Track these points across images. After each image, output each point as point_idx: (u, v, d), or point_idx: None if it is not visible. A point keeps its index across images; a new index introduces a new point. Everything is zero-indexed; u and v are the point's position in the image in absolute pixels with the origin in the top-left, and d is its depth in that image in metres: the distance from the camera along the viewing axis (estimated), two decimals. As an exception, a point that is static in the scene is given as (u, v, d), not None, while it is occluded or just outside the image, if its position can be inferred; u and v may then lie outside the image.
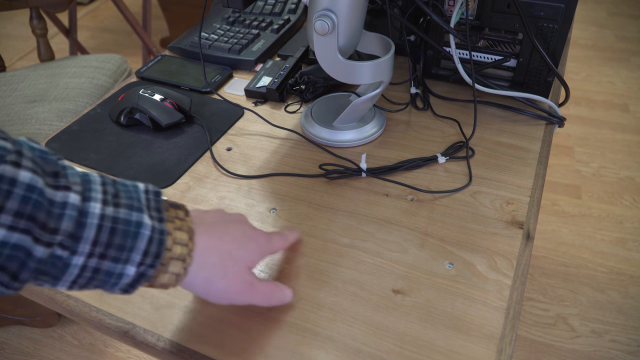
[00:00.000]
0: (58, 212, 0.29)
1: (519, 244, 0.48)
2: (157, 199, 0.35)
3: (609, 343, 1.14)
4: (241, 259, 0.39)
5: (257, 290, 0.40)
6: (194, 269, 0.36)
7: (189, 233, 0.36)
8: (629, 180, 1.55)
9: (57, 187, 0.30)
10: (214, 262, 0.37)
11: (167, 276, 0.35)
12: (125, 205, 0.32)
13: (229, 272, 0.38)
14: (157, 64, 0.80)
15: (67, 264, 0.30)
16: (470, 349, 0.40)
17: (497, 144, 0.61)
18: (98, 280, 0.32)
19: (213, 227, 0.39)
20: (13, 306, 1.18)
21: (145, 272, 0.33)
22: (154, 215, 0.34)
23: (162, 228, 0.34)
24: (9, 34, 2.67)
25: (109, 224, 0.31)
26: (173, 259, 0.34)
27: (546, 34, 0.61)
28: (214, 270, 0.37)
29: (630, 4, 2.61)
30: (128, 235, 0.32)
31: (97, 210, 0.31)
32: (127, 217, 0.32)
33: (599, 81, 2.02)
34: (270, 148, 0.62)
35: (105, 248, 0.31)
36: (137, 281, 0.33)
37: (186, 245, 0.35)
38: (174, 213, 0.36)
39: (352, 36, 0.56)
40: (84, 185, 0.31)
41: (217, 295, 0.38)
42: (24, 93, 1.09)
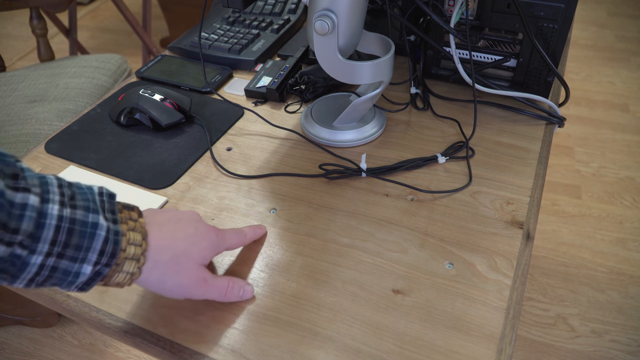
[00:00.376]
0: (18, 213, 0.30)
1: (519, 244, 0.48)
2: (110, 201, 0.36)
3: (609, 343, 1.14)
4: (193, 256, 0.40)
5: (211, 285, 0.41)
6: (147, 267, 0.38)
7: (142, 234, 0.37)
8: (629, 180, 1.55)
9: (17, 189, 0.31)
10: (166, 260, 0.39)
11: (121, 275, 0.36)
12: (81, 207, 0.34)
13: (180, 269, 0.39)
14: (157, 64, 0.80)
15: (26, 262, 0.32)
16: (470, 349, 0.40)
17: (497, 144, 0.61)
18: (55, 278, 0.34)
19: (165, 226, 0.40)
20: (13, 306, 1.18)
21: (100, 270, 0.35)
22: (109, 217, 0.35)
23: (117, 229, 0.35)
24: (9, 34, 2.67)
25: (67, 224, 0.33)
26: (127, 259, 0.36)
27: (546, 34, 0.61)
28: (166, 269, 0.39)
29: (630, 4, 2.61)
30: (85, 236, 0.33)
31: (55, 212, 0.32)
32: (84, 219, 0.34)
33: (599, 81, 2.02)
34: (270, 148, 0.62)
35: (63, 248, 0.33)
36: (93, 280, 0.35)
37: (140, 245, 0.37)
38: (127, 214, 0.37)
39: (352, 36, 0.56)
40: (42, 187, 0.33)
41: (171, 291, 0.40)
42: (24, 93, 1.09)
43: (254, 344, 0.41)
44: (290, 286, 0.45)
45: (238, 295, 0.43)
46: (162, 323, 0.43)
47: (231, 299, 0.43)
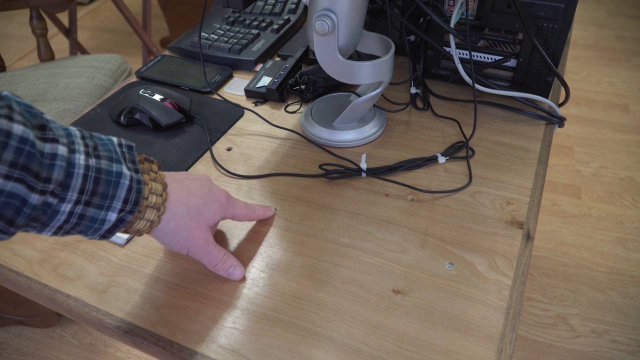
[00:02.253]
0: (49, 162, 0.32)
1: (519, 244, 0.48)
2: (130, 152, 0.38)
3: (609, 343, 1.14)
4: (204, 215, 0.43)
5: (210, 250, 0.43)
6: (165, 217, 0.40)
7: (163, 185, 0.40)
8: (629, 180, 1.55)
9: (46, 139, 0.32)
10: (182, 214, 0.41)
11: (142, 222, 0.38)
12: (105, 157, 0.35)
13: (192, 225, 0.42)
14: (157, 64, 0.80)
15: (57, 210, 0.33)
16: (470, 349, 0.40)
17: (497, 144, 0.61)
18: (82, 225, 0.35)
19: (182, 182, 0.43)
20: (13, 306, 1.18)
21: (124, 217, 0.36)
22: (131, 167, 0.37)
23: (139, 178, 0.37)
24: (9, 34, 2.67)
25: (93, 173, 0.34)
26: (149, 207, 0.38)
27: (546, 34, 0.61)
28: (181, 221, 0.41)
29: (630, 4, 2.61)
30: (110, 185, 0.35)
31: (82, 161, 0.34)
32: (109, 168, 0.35)
33: (599, 81, 2.02)
34: (270, 148, 0.62)
35: (91, 196, 0.34)
36: (116, 226, 0.37)
37: (160, 195, 0.39)
38: (148, 166, 0.39)
39: (352, 36, 0.56)
40: (68, 138, 0.34)
41: (179, 244, 0.42)
42: (24, 93, 1.09)
43: (254, 344, 0.41)
44: (290, 286, 0.45)
45: (226, 272, 0.44)
46: (162, 323, 0.43)
47: (219, 272, 0.44)
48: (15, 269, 0.48)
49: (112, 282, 0.46)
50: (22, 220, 0.32)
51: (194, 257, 0.43)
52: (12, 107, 0.30)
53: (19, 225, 0.32)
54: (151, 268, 0.48)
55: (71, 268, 0.48)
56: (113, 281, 0.47)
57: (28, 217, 0.32)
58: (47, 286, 0.47)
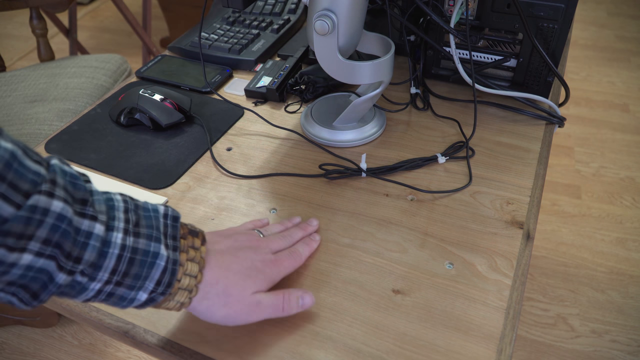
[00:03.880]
0: (83, 241, 0.30)
1: (519, 244, 0.48)
2: (174, 225, 0.36)
3: (609, 343, 1.14)
4: (247, 288, 0.39)
5: (265, 307, 0.40)
6: (197, 298, 0.37)
7: (200, 265, 0.37)
8: (629, 180, 1.55)
9: (84, 215, 0.31)
10: (217, 292, 0.38)
11: (172, 303, 0.36)
12: (144, 235, 0.34)
13: (231, 300, 0.38)
14: (157, 64, 0.80)
15: (85, 288, 0.32)
16: (470, 349, 0.40)
17: (497, 144, 0.61)
18: (111, 301, 0.34)
19: (222, 256, 0.40)
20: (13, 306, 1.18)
21: (155, 297, 0.35)
22: (170, 244, 0.35)
23: (176, 258, 0.35)
24: (9, 34, 2.67)
25: (129, 254, 0.33)
26: (181, 289, 0.36)
27: (546, 34, 0.61)
28: (216, 300, 0.38)
29: (630, 4, 2.61)
30: (145, 265, 0.33)
31: (118, 241, 0.32)
32: (146, 248, 0.34)
33: (599, 81, 2.02)
34: (270, 148, 0.62)
35: (123, 277, 0.33)
36: (147, 303, 0.35)
37: (195, 277, 0.37)
38: (190, 241, 0.37)
39: (352, 36, 0.56)
40: (108, 214, 0.32)
41: (219, 321, 0.39)
42: (24, 93, 1.09)
43: (254, 344, 0.41)
44: (290, 286, 0.45)
45: (297, 306, 0.41)
46: (162, 323, 0.43)
47: (291, 312, 0.41)
48: (15, 269, 0.48)
49: (112, 282, 0.46)
50: (47, 296, 0.31)
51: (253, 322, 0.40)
52: (55, 182, 0.29)
53: (42, 300, 0.31)
54: (151, 268, 0.48)
55: (71, 268, 0.48)
56: (113, 281, 0.47)
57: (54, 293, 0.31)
58: (47, 286, 0.47)
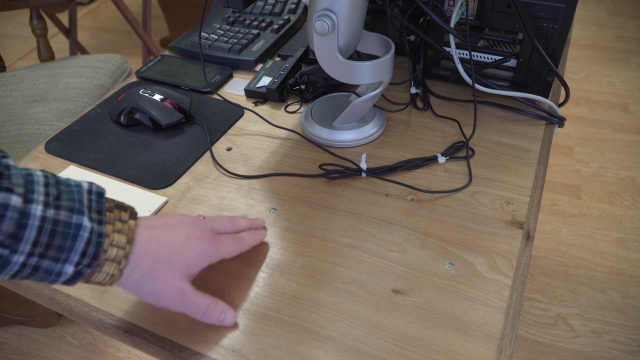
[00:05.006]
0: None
1: (519, 244, 0.48)
2: (99, 200, 0.36)
3: (609, 343, 1.14)
4: (176, 264, 0.39)
5: (190, 301, 0.39)
6: (127, 271, 0.37)
7: (128, 236, 0.37)
8: (629, 180, 1.55)
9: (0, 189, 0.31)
10: (147, 264, 0.38)
11: (102, 275, 0.36)
12: (66, 208, 0.33)
13: (160, 276, 0.38)
14: (157, 64, 0.80)
15: (8, 261, 0.32)
16: (470, 349, 0.40)
17: (497, 144, 0.61)
18: (38, 276, 0.34)
19: (154, 230, 0.39)
20: (13, 306, 1.18)
21: (82, 271, 0.35)
22: (94, 217, 0.35)
23: (101, 230, 0.35)
24: (9, 34, 2.67)
25: (50, 225, 0.32)
26: (108, 260, 0.35)
27: (546, 34, 0.61)
28: (146, 273, 0.38)
29: (630, 4, 2.61)
30: (67, 237, 0.33)
31: (38, 212, 0.32)
32: (68, 220, 0.33)
33: (599, 81, 2.02)
34: (270, 148, 0.62)
35: (45, 248, 0.33)
36: (75, 278, 0.35)
37: (123, 248, 0.36)
38: (117, 214, 0.37)
39: (352, 36, 0.56)
40: (26, 187, 0.32)
41: (147, 297, 0.39)
42: (24, 93, 1.09)
43: (254, 344, 0.41)
44: (290, 286, 0.45)
45: (217, 320, 0.41)
46: (162, 323, 0.43)
47: (209, 321, 0.41)
48: (15, 269, 0.48)
49: (112, 282, 0.46)
50: None
51: (172, 310, 0.40)
52: None
53: None
54: (151, 268, 0.48)
55: (71, 268, 0.48)
56: (113, 281, 0.47)
57: None
58: (47, 286, 0.47)
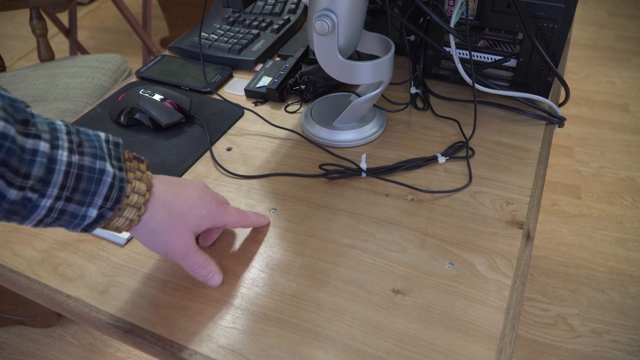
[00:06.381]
0: (29, 158, 0.32)
1: (519, 244, 0.48)
2: (117, 149, 0.38)
3: (609, 343, 1.14)
4: (188, 221, 0.42)
5: (189, 256, 0.43)
6: (145, 218, 0.40)
7: (147, 184, 0.39)
8: (629, 180, 1.55)
9: (28, 135, 0.32)
10: (163, 217, 0.40)
11: (121, 220, 0.38)
12: (89, 154, 0.35)
13: (173, 229, 0.41)
14: (157, 64, 0.80)
15: (37, 205, 0.33)
16: (470, 349, 0.40)
17: (497, 144, 0.61)
18: (63, 220, 0.35)
19: (170, 184, 0.42)
20: (13, 306, 1.18)
21: (104, 213, 0.36)
22: (115, 164, 0.37)
23: (122, 176, 0.37)
24: (9, 34, 2.67)
25: (75, 170, 0.34)
26: (129, 205, 0.38)
27: (546, 34, 0.61)
28: (161, 224, 0.40)
29: (630, 4, 2.61)
30: (92, 181, 0.35)
31: (64, 158, 0.33)
32: (92, 165, 0.35)
33: (599, 81, 2.02)
34: (270, 148, 0.62)
35: (72, 192, 0.34)
36: (96, 222, 0.37)
37: (143, 195, 0.39)
38: (136, 165, 0.39)
39: (352, 36, 0.56)
40: (52, 134, 0.34)
41: (158, 246, 0.41)
42: (24, 93, 1.09)
43: (254, 344, 0.41)
44: (290, 286, 0.45)
45: (204, 277, 0.44)
46: (162, 323, 0.43)
47: (197, 277, 0.44)
48: (15, 269, 0.48)
49: (112, 282, 0.46)
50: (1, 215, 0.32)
51: (173, 260, 0.43)
52: None
53: None
54: (151, 268, 0.48)
55: (71, 268, 0.48)
56: (113, 281, 0.47)
57: (7, 211, 0.32)
58: (47, 286, 0.47)
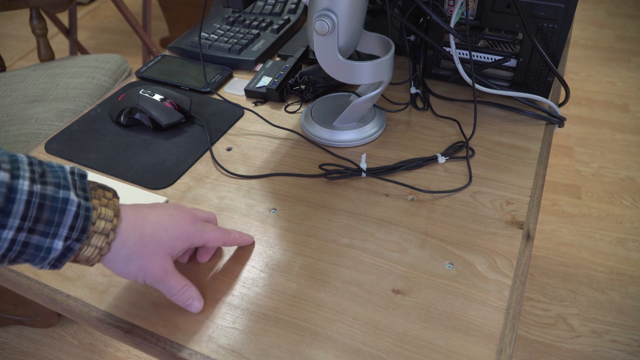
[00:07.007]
0: None
1: (519, 244, 0.48)
2: (82, 181, 0.37)
3: (609, 343, 1.14)
4: (162, 243, 0.40)
5: (168, 280, 0.41)
6: (116, 245, 0.38)
7: (115, 210, 0.38)
8: (629, 180, 1.55)
9: None
10: (135, 241, 0.39)
11: (90, 249, 0.36)
12: (52, 184, 0.34)
13: (147, 252, 0.39)
14: (157, 64, 0.80)
15: None
16: (470, 349, 0.40)
17: (497, 144, 0.61)
18: (27, 254, 0.34)
19: (139, 209, 0.41)
20: (13, 306, 1.18)
21: (71, 246, 0.35)
22: (80, 194, 0.36)
23: (88, 205, 0.36)
24: (9, 34, 2.67)
25: (37, 200, 0.33)
26: (97, 232, 0.36)
27: (546, 34, 0.61)
28: (134, 249, 0.39)
29: (630, 4, 2.61)
30: (56, 211, 0.34)
31: (25, 187, 0.32)
32: (54, 195, 0.34)
33: (599, 81, 2.02)
34: (270, 148, 0.62)
35: (34, 222, 0.33)
36: (64, 255, 0.35)
37: (111, 221, 0.37)
38: (101, 192, 0.38)
39: (352, 36, 0.56)
40: (12, 164, 0.33)
41: (134, 272, 0.39)
42: (24, 93, 1.09)
43: (254, 344, 0.41)
44: (290, 286, 0.45)
45: (183, 304, 0.43)
46: (162, 323, 0.43)
47: (176, 302, 0.43)
48: (15, 269, 0.48)
49: (112, 282, 0.46)
50: None
51: (152, 285, 0.41)
52: None
53: None
54: (151, 268, 0.48)
55: (71, 268, 0.48)
56: (113, 281, 0.47)
57: None
58: (47, 286, 0.47)
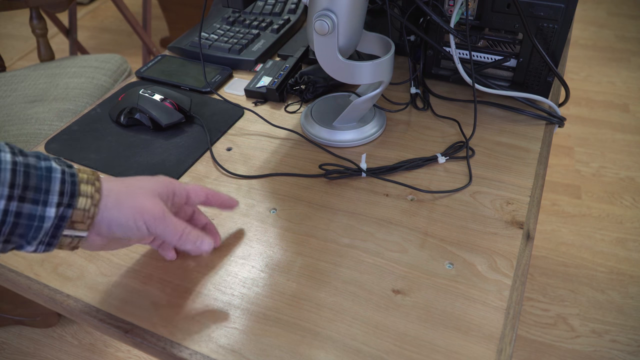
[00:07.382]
0: None
1: (519, 244, 0.48)
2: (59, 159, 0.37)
3: (609, 343, 1.14)
4: (148, 186, 0.40)
5: (170, 222, 0.40)
6: (103, 202, 0.37)
7: (95, 176, 0.38)
8: (629, 180, 1.55)
9: None
10: (120, 189, 0.39)
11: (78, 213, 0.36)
12: (32, 156, 0.35)
13: (137, 193, 0.39)
14: (157, 64, 0.80)
15: None
16: (470, 349, 0.40)
17: (497, 144, 0.61)
18: (22, 226, 0.34)
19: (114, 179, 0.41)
20: (13, 306, 1.18)
21: (64, 213, 0.35)
22: (61, 163, 0.36)
23: (72, 171, 0.36)
24: (9, 34, 2.67)
25: (22, 168, 0.33)
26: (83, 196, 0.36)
27: (546, 34, 0.61)
28: (122, 195, 0.38)
29: (630, 4, 2.61)
30: (42, 179, 0.34)
31: (8, 158, 0.33)
32: (37, 164, 0.35)
33: (599, 81, 2.02)
34: (270, 148, 0.62)
35: (23, 190, 0.33)
36: (59, 226, 0.35)
37: (93, 184, 0.37)
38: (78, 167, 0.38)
39: (352, 36, 0.56)
40: None
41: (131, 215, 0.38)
42: (24, 93, 1.09)
43: (254, 344, 0.41)
44: (290, 286, 0.45)
45: (194, 244, 0.41)
46: (162, 323, 0.43)
47: (186, 246, 0.41)
48: (15, 269, 0.48)
49: (112, 282, 0.46)
50: None
51: (154, 231, 0.39)
52: None
53: None
54: (151, 268, 0.48)
55: (71, 268, 0.48)
56: (113, 281, 0.47)
57: None
58: (47, 286, 0.47)
